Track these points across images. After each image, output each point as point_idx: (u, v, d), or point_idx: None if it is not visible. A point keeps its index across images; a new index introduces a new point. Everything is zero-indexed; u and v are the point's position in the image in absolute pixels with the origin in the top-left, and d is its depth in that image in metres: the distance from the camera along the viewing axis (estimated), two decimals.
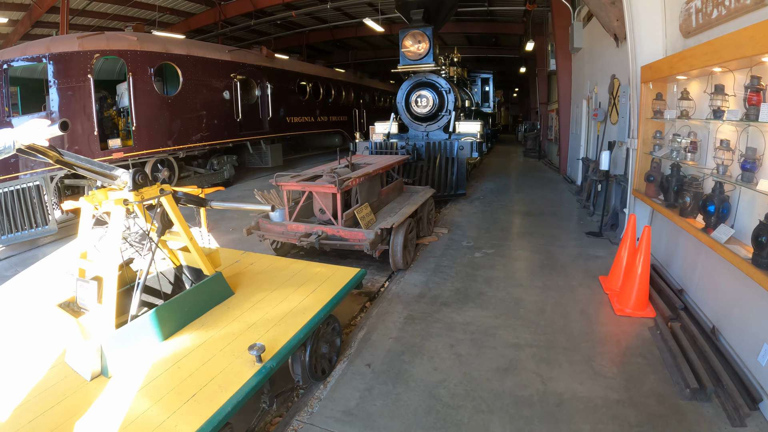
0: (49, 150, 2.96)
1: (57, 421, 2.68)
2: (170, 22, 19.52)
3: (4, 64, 9.82)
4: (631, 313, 4.97)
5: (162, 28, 16.40)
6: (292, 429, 3.44)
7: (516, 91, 42.50)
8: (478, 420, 3.42)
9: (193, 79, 13.32)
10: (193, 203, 4.36)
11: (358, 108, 24.54)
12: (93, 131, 10.72)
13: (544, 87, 20.77)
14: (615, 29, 8.08)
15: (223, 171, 15.14)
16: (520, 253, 7.24)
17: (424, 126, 11.93)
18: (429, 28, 10.97)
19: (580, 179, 11.71)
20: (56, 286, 6.79)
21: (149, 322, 3.47)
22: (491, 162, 19.08)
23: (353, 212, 6.35)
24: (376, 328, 4.93)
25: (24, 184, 9.47)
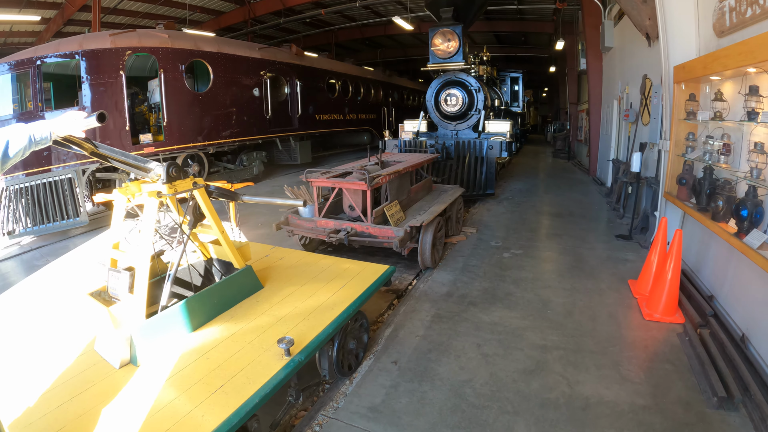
0: (84, 142, 3.01)
1: (84, 407, 2.73)
2: (200, 20, 19.78)
3: (38, 60, 10.07)
4: (660, 318, 4.86)
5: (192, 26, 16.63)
6: (317, 423, 3.44)
7: (545, 91, 42.00)
8: (503, 421, 3.37)
9: (223, 76, 13.49)
10: (225, 197, 4.39)
11: (386, 106, 24.55)
12: (125, 126, 10.94)
13: (574, 87, 20.46)
14: (647, 28, 7.90)
15: (252, 167, 15.30)
16: (549, 255, 7.14)
17: (453, 125, 11.86)
18: (459, 27, 10.92)
19: (610, 181, 11.49)
20: (87, 276, 6.95)
21: (179, 312, 3.51)
22: (520, 162, 18.89)
23: (383, 209, 6.33)
24: (404, 325, 4.92)
25: (56, 177, 9.73)
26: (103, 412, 2.68)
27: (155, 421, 2.58)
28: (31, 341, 3.61)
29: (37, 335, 3.73)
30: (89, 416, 2.65)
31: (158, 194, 3.51)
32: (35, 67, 10.01)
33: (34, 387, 2.95)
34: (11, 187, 9.47)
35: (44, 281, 7.06)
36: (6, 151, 2.13)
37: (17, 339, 3.68)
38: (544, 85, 39.68)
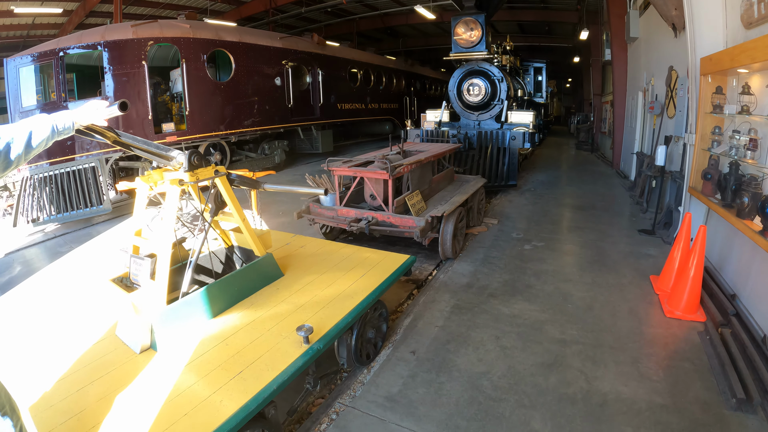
0: (107, 131, 3.04)
1: (105, 390, 2.79)
2: (221, 10, 19.83)
3: (61, 51, 10.22)
4: (681, 315, 4.74)
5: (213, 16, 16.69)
6: (334, 411, 3.46)
7: (569, 82, 41.40)
8: (519, 414, 3.36)
9: (245, 66, 13.54)
10: (247, 185, 4.42)
11: (408, 96, 24.46)
12: (147, 115, 11.07)
13: (598, 78, 20.08)
14: (673, 18, 7.70)
15: (273, 156, 15.38)
16: (570, 248, 7.05)
17: (475, 115, 11.73)
18: (482, 15, 10.76)
19: (633, 174, 11.29)
20: (109, 263, 7.07)
21: (200, 299, 3.56)
22: (543, 154, 18.67)
23: (404, 199, 6.31)
24: (423, 315, 4.91)
25: (80, 166, 9.92)
26: (123, 396, 2.74)
27: (174, 406, 2.62)
28: (54, 326, 3.69)
29: (60, 320, 3.81)
30: (109, 400, 2.70)
31: (180, 182, 3.53)
32: (58, 58, 10.16)
33: (55, 370, 3.01)
34: (35, 176, 9.67)
35: (68, 268, 7.20)
36: (29, 141, 2.15)
37: (41, 324, 3.77)
38: (568, 75, 39.06)
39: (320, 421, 3.36)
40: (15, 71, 10.10)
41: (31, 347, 3.36)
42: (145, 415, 2.56)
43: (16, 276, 7.16)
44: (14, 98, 10.13)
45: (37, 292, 6.36)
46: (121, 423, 2.52)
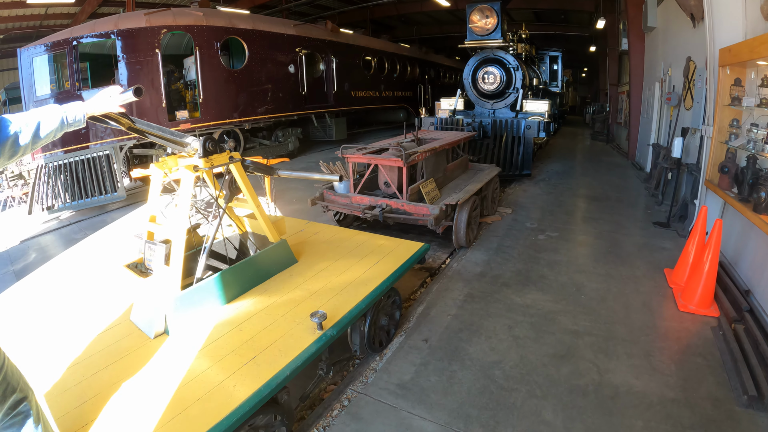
0: (121, 117, 3.05)
1: (119, 375, 2.82)
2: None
3: (74, 40, 10.26)
4: (695, 310, 4.69)
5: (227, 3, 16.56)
6: (346, 398, 3.48)
7: (585, 71, 40.89)
8: (531, 405, 3.35)
9: (258, 53, 13.53)
10: (261, 171, 4.43)
11: (423, 83, 24.31)
12: (161, 103, 11.13)
13: (614, 67, 19.78)
14: (692, 8, 7.53)
15: (287, 143, 15.41)
16: (585, 239, 6.99)
17: (490, 103, 11.61)
18: (497, 3, 10.58)
19: (649, 166, 11.14)
20: (124, 249, 7.13)
21: (214, 285, 3.58)
22: (558, 143, 18.49)
23: (418, 187, 6.30)
24: (436, 303, 4.91)
25: (94, 153, 10.01)
26: (137, 380, 2.76)
27: (187, 390, 2.64)
28: (69, 312, 3.74)
29: (74, 306, 3.85)
30: (124, 385, 2.73)
31: (195, 168, 3.54)
32: (71, 47, 10.21)
33: (70, 355, 3.05)
34: (50, 164, 9.79)
35: (82, 254, 7.28)
36: (37, 131, 2.15)
37: (56, 309, 3.82)
38: (584, 65, 38.47)
39: (332, 408, 3.38)
40: (29, 61, 10.16)
41: (46, 332, 3.41)
42: (158, 399, 2.58)
43: (31, 262, 7.27)
44: (28, 87, 10.21)
45: (53, 278, 6.43)
46: (135, 407, 2.54)
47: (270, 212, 4.89)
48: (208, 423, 2.37)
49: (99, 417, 2.48)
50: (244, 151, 13.58)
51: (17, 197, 11.53)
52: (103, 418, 2.48)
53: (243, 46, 13.16)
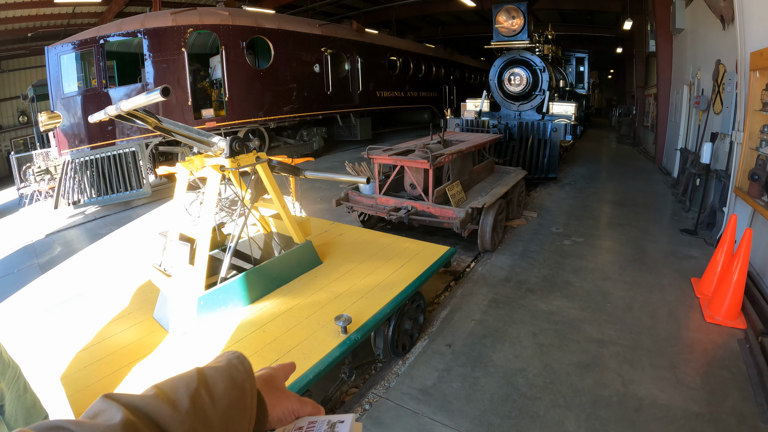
0: (148, 116, 3.07)
1: (140, 372, 2.85)
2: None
3: (101, 39, 10.47)
4: (722, 321, 4.54)
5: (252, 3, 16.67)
6: (368, 402, 3.46)
7: (611, 73, 40.32)
8: (553, 414, 3.30)
9: (284, 53, 13.62)
10: (287, 172, 4.44)
11: (448, 84, 24.24)
12: (187, 102, 11.26)
13: (641, 69, 19.33)
14: (721, 10, 7.31)
15: (312, 142, 15.50)
16: (610, 245, 6.86)
17: (516, 105, 11.50)
18: (524, 3, 10.48)
19: (676, 171, 10.91)
20: (149, 246, 7.22)
21: (238, 285, 3.59)
22: (583, 146, 18.24)
23: (444, 189, 6.25)
24: (460, 308, 4.86)
25: (120, 150, 10.17)
26: (158, 378, 2.74)
27: None
28: (93, 307, 3.78)
29: (98, 301, 3.89)
30: (144, 382, 2.74)
31: (221, 168, 3.56)
32: (98, 45, 10.42)
33: (92, 351, 3.09)
34: (77, 160, 9.96)
35: (107, 249, 7.39)
36: None
37: (79, 305, 3.85)
38: (610, 66, 37.91)
39: (353, 411, 3.36)
40: (56, 59, 10.37)
41: (69, 327, 3.45)
42: None
43: (56, 256, 7.42)
44: (56, 85, 10.42)
45: (77, 272, 6.55)
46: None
47: (295, 212, 4.90)
48: None
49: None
50: (268, 150, 13.69)
51: (44, 192, 11.77)
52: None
53: (269, 45, 13.26)
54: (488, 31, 11.43)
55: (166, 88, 2.70)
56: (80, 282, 6.11)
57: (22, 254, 7.79)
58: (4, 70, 19.31)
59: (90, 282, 5.75)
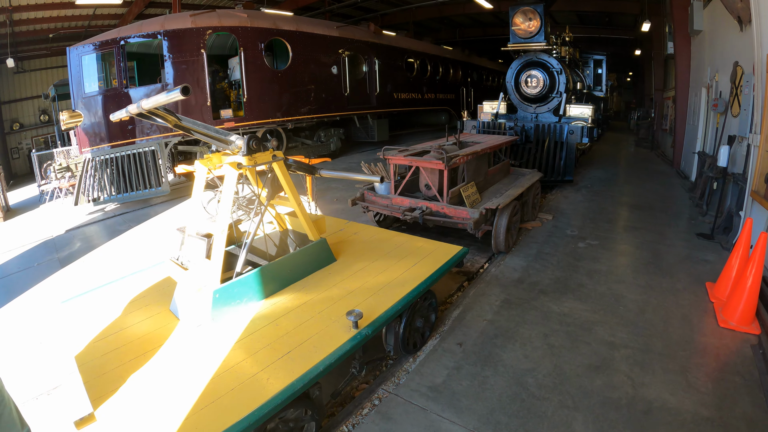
0: (168, 115, 3.16)
1: (155, 362, 2.95)
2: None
3: (122, 40, 10.70)
4: (735, 326, 4.48)
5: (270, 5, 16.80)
6: (377, 397, 3.51)
7: (630, 75, 39.86)
8: (561, 415, 3.31)
9: (302, 54, 13.76)
10: (303, 170, 4.52)
11: (465, 86, 24.21)
12: (206, 102, 11.44)
13: (660, 72, 19.04)
14: (738, 11, 7.17)
15: (329, 143, 15.61)
16: (625, 248, 6.82)
17: (533, 107, 11.44)
18: (540, 5, 10.43)
19: (694, 175, 10.78)
20: (167, 242, 7.35)
21: (253, 280, 3.68)
22: (601, 149, 18.10)
23: (459, 190, 6.27)
24: (472, 308, 4.89)
25: (140, 149, 10.38)
26: (172, 368, 2.88)
27: (221, 380, 2.74)
28: (111, 299, 3.90)
29: (116, 294, 4.01)
30: (159, 371, 2.86)
31: (238, 166, 3.65)
32: (119, 47, 10.65)
33: (110, 341, 3.21)
34: (97, 158, 10.18)
35: (126, 245, 7.53)
36: None
37: (98, 297, 3.97)
38: (629, 69, 37.49)
39: (363, 406, 3.43)
40: (77, 59, 10.63)
41: (87, 319, 3.57)
42: (192, 388, 2.68)
43: (75, 251, 7.60)
44: (77, 84, 10.68)
45: (96, 267, 6.70)
46: (169, 394, 2.65)
47: (311, 211, 4.97)
48: (239, 414, 2.45)
49: (134, 401, 2.60)
50: (286, 150, 13.82)
51: (64, 189, 12.02)
52: (138, 403, 2.59)
53: (287, 47, 13.40)
54: (506, 33, 11.40)
55: (186, 87, 2.77)
56: (99, 276, 6.24)
57: (42, 249, 7.99)
58: (26, 70, 19.68)
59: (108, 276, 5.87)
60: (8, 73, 18.58)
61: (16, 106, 20.12)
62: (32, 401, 3.79)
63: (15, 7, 14.15)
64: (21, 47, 17.57)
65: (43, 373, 4.16)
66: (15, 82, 19.69)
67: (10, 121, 19.86)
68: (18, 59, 17.40)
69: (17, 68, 18.10)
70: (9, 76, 19.11)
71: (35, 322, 5.20)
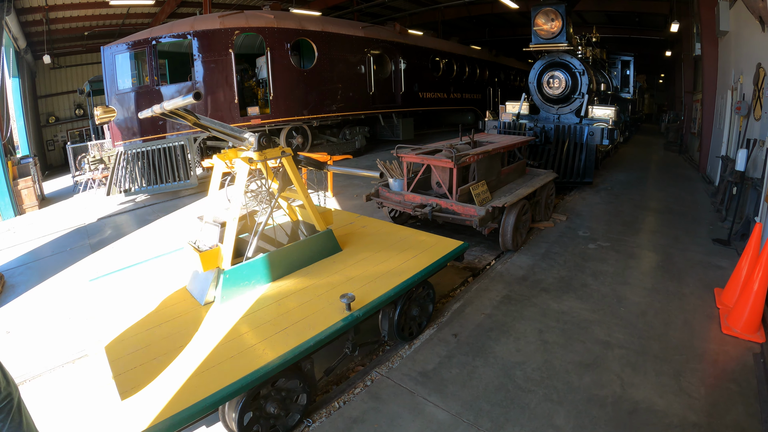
0: (187, 114, 3.47)
1: (169, 332, 3.33)
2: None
3: (153, 40, 11.19)
4: (739, 334, 4.36)
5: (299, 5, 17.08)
6: (370, 378, 3.75)
7: (662, 77, 38.94)
8: (544, 408, 3.40)
9: (327, 54, 14.07)
10: (313, 166, 4.79)
11: (492, 86, 24.15)
12: (234, 99, 11.84)
13: (689, 73, 18.50)
14: (760, 11, 6.96)
15: (354, 141, 15.87)
16: (637, 251, 6.78)
17: (555, 108, 11.44)
18: (562, 6, 10.44)
19: (718, 180, 10.68)
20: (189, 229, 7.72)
21: (260, 263, 4.02)
22: (627, 152, 17.85)
23: (468, 188, 6.41)
24: (472, 302, 5.05)
25: (170, 143, 10.82)
26: (183, 338, 3.26)
27: (224, 349, 3.09)
28: (134, 280, 4.29)
29: (140, 275, 4.40)
30: (171, 340, 3.21)
31: (249, 160, 3.95)
32: (150, 46, 11.16)
33: (132, 314, 3.59)
34: (129, 151, 10.66)
35: (154, 234, 7.97)
36: None
37: (124, 277, 4.37)
38: (661, 70, 36.69)
39: (355, 385, 3.68)
40: (111, 58, 11.17)
41: (114, 296, 3.96)
42: (198, 354, 3.04)
43: (106, 238, 8.06)
44: (110, 81, 11.21)
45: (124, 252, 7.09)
46: (177, 359, 3.00)
47: (322, 203, 5.23)
48: (234, 376, 2.79)
49: (147, 362, 2.97)
50: (311, 147, 14.15)
51: (97, 180, 12.58)
52: (150, 364, 2.95)
53: (312, 47, 13.70)
54: None
55: (197, 92, 3.07)
56: (126, 261, 6.61)
57: (75, 235, 8.47)
58: (62, 66, 20.50)
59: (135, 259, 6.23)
60: (45, 68, 19.38)
61: (52, 101, 20.98)
62: (60, 368, 4.23)
63: (51, 7, 14.80)
64: (57, 44, 18.33)
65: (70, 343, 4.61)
66: (51, 78, 20.55)
67: (47, 115, 20.73)
68: (54, 56, 18.14)
69: (53, 64, 18.92)
70: (45, 71, 19.94)
71: (65, 299, 5.70)
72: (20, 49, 16.31)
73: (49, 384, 4.06)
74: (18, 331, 5.06)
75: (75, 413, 3.61)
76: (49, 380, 4.11)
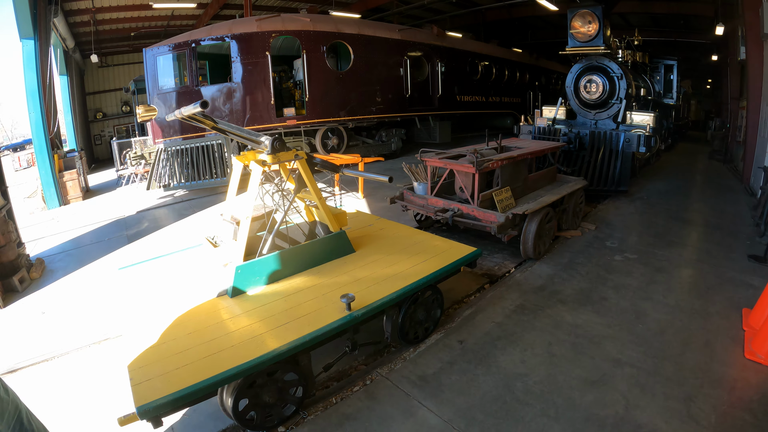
0: (206, 119, 3.74)
1: (181, 319, 3.58)
2: (348, 1, 20.18)
3: (193, 43, 11.71)
4: (763, 360, 4.04)
5: (340, 7, 17.28)
6: (369, 378, 3.84)
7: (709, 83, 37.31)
8: (539, 423, 3.32)
9: (363, 57, 14.23)
10: (328, 169, 4.93)
11: (533, 90, 23.84)
12: (270, 101, 12.20)
13: (736, 79, 17.60)
14: None
15: (390, 143, 15.97)
16: (665, 265, 6.50)
17: (593, 113, 11.14)
18: (599, 8, 10.12)
19: (760, 192, 10.23)
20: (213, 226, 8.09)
21: (272, 260, 4.19)
22: (670, 160, 17.24)
23: (491, 194, 6.38)
24: (484, 309, 5.04)
25: (208, 142, 11.27)
26: (193, 325, 3.51)
27: (227, 338, 3.31)
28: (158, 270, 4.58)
29: (164, 266, 4.69)
30: (183, 326, 3.49)
31: (263, 163, 4.13)
32: (191, 49, 11.68)
33: (152, 302, 3.91)
34: (169, 149, 11.12)
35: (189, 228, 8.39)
36: None
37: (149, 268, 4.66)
38: (708, 75, 35.05)
39: (355, 384, 3.79)
40: (153, 59, 11.74)
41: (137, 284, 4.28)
42: (203, 341, 3.27)
43: (143, 230, 8.50)
44: (153, 81, 11.78)
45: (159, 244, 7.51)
46: (186, 341, 3.26)
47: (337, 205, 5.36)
48: (232, 363, 3.00)
49: (158, 344, 3.25)
50: (347, 149, 14.38)
51: (139, 174, 13.09)
52: (161, 345, 3.24)
53: (348, 49, 13.90)
54: None
55: (204, 101, 3.37)
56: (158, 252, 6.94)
57: (114, 226, 8.97)
58: (109, 64, 21.45)
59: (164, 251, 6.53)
60: (93, 67, 20.38)
61: (100, 97, 22.00)
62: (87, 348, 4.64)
63: (98, 9, 15.57)
64: (104, 44, 19.18)
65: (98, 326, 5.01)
66: (99, 76, 21.59)
67: (94, 111, 21.75)
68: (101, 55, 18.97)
69: (101, 63, 19.81)
70: (93, 69, 20.96)
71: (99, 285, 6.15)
72: (69, 49, 17.18)
73: (74, 362, 4.48)
74: (52, 312, 5.55)
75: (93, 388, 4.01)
76: (75, 358, 4.53)
